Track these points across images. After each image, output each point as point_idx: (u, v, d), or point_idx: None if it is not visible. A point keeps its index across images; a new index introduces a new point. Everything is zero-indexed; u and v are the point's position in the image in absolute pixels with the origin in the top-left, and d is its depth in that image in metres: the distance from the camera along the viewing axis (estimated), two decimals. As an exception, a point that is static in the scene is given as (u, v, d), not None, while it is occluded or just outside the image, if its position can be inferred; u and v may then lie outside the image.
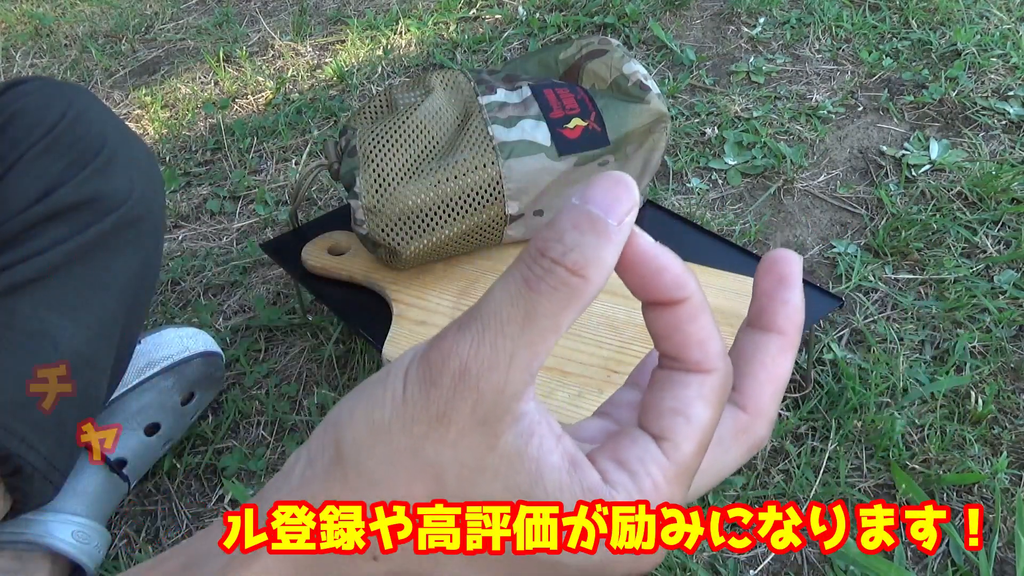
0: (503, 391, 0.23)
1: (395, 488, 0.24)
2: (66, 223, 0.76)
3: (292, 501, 0.25)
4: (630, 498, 0.24)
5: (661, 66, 1.54)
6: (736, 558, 0.83)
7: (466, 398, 0.23)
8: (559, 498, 0.24)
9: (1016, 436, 0.90)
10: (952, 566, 0.81)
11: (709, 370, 0.26)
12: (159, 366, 0.92)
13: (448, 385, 0.23)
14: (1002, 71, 1.42)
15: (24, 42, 1.85)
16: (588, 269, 0.24)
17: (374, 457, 0.24)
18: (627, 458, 0.25)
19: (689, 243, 0.96)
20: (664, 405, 0.25)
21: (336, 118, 1.50)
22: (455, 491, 0.24)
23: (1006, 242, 1.12)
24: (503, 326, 0.23)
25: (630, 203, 0.24)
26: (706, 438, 0.25)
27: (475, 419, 0.23)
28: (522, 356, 0.23)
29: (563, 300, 0.24)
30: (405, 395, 0.24)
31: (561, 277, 0.23)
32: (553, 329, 0.24)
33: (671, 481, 0.25)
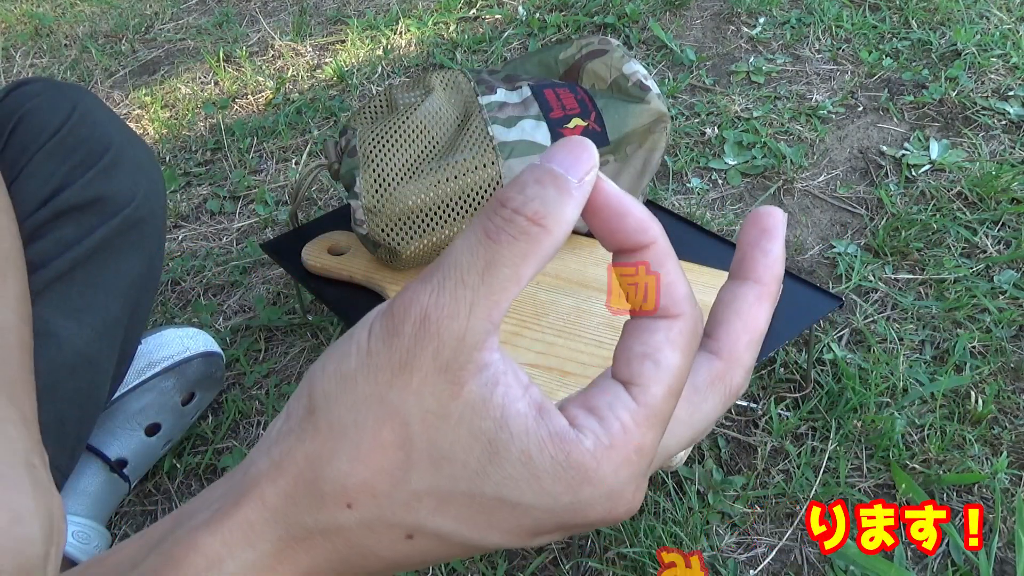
0: (463, 339, 0.24)
1: (363, 435, 0.24)
2: (72, 224, 0.76)
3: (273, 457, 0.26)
4: (598, 441, 0.24)
5: (661, 66, 1.54)
6: (736, 558, 0.83)
7: (427, 345, 0.24)
8: (525, 442, 0.24)
9: (1016, 436, 0.90)
10: (952, 566, 0.81)
11: (676, 314, 0.26)
12: (159, 366, 0.92)
13: (409, 333, 0.24)
14: (1002, 71, 1.42)
15: (24, 42, 1.85)
16: (548, 219, 0.24)
17: (343, 406, 0.25)
18: (596, 404, 0.25)
19: (689, 243, 0.96)
20: (633, 351, 0.26)
21: (336, 118, 1.50)
22: (421, 436, 0.24)
23: (1006, 242, 1.12)
24: (463, 275, 0.24)
25: (590, 163, 0.25)
26: (676, 382, 0.26)
27: (436, 366, 0.24)
28: (482, 305, 0.24)
29: (523, 249, 0.24)
30: (369, 346, 0.25)
31: (521, 226, 0.24)
32: (514, 279, 0.24)
33: (641, 424, 0.25)
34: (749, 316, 0.28)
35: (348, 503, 0.25)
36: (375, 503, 0.25)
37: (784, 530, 0.85)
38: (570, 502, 0.24)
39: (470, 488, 0.25)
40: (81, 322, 0.74)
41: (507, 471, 0.24)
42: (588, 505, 0.25)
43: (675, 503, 0.86)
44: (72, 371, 0.73)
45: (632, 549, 0.82)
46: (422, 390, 0.24)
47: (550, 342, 0.83)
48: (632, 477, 0.25)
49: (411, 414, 0.24)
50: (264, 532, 0.26)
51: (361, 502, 0.25)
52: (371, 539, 0.25)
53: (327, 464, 0.25)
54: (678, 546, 0.82)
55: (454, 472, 0.24)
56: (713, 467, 0.89)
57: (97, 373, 0.76)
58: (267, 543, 0.26)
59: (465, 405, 0.24)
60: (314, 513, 0.25)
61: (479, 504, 0.25)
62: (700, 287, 0.88)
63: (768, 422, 0.93)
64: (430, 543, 0.26)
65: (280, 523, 0.25)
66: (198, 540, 0.26)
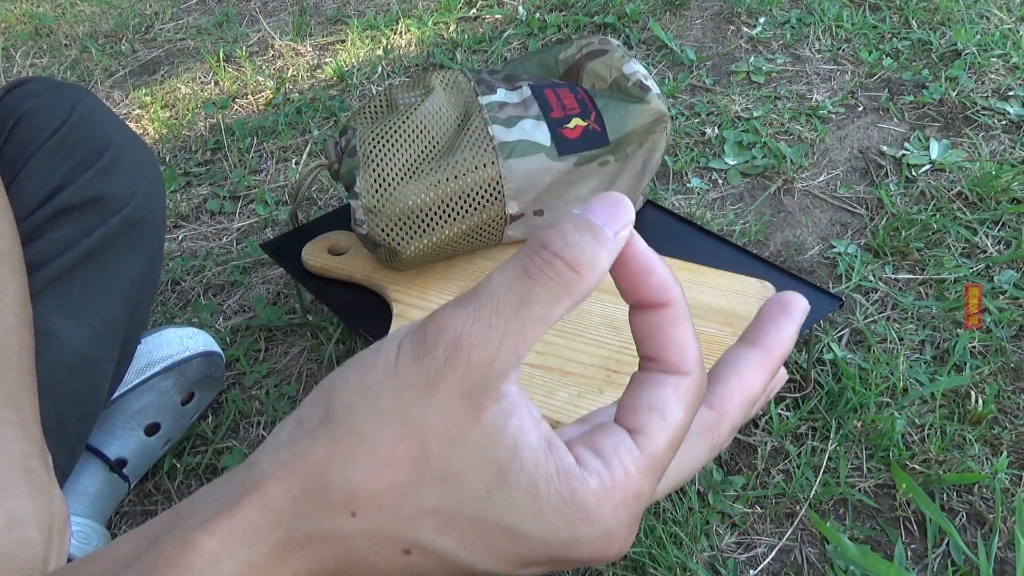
0: (491, 367, 0.25)
1: (379, 447, 0.25)
2: (71, 224, 0.76)
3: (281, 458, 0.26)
4: (602, 483, 0.25)
5: (661, 66, 1.54)
6: (736, 558, 0.83)
7: (456, 369, 0.25)
8: (533, 474, 0.25)
9: (1016, 436, 0.90)
10: (952, 566, 0.81)
11: (686, 373, 0.27)
12: (159, 366, 0.92)
13: (440, 355, 0.25)
14: (1002, 71, 1.42)
15: (24, 42, 1.85)
16: (583, 267, 0.25)
17: (362, 417, 0.25)
18: (602, 447, 0.26)
19: (689, 243, 0.96)
20: (641, 402, 0.27)
21: (336, 118, 1.50)
22: (436, 456, 0.25)
23: (1006, 242, 1.12)
24: (499, 307, 0.25)
25: (626, 219, 0.27)
26: (678, 435, 0.27)
27: (462, 390, 0.25)
28: (512, 338, 0.25)
29: (557, 292, 0.25)
30: (398, 362, 0.25)
31: (558, 269, 0.25)
32: (544, 318, 0.25)
33: (642, 471, 0.26)
34: (747, 378, 0.30)
35: (353, 512, 0.25)
36: (380, 515, 0.25)
37: (784, 530, 0.85)
38: (567, 537, 0.25)
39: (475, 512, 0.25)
40: (81, 322, 0.74)
41: (513, 499, 0.25)
42: (584, 543, 0.25)
43: (675, 503, 0.86)
44: (72, 371, 0.73)
45: (632, 549, 0.82)
46: (444, 411, 0.25)
47: (550, 342, 0.83)
48: (627, 520, 0.26)
49: (430, 433, 0.25)
50: (265, 533, 0.26)
51: (366, 512, 0.25)
52: (370, 550, 0.26)
53: (339, 471, 0.25)
54: (678, 546, 0.82)
55: (462, 495, 0.25)
56: (713, 467, 0.89)
57: (97, 373, 0.76)
58: (266, 545, 0.26)
59: (481, 431, 0.25)
60: (318, 519, 0.25)
61: (481, 528, 0.25)
62: (700, 287, 0.88)
63: (768, 422, 0.93)
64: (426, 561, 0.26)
65: (282, 526, 0.26)
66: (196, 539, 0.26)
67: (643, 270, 0.27)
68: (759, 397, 0.30)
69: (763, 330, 0.30)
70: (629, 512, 0.26)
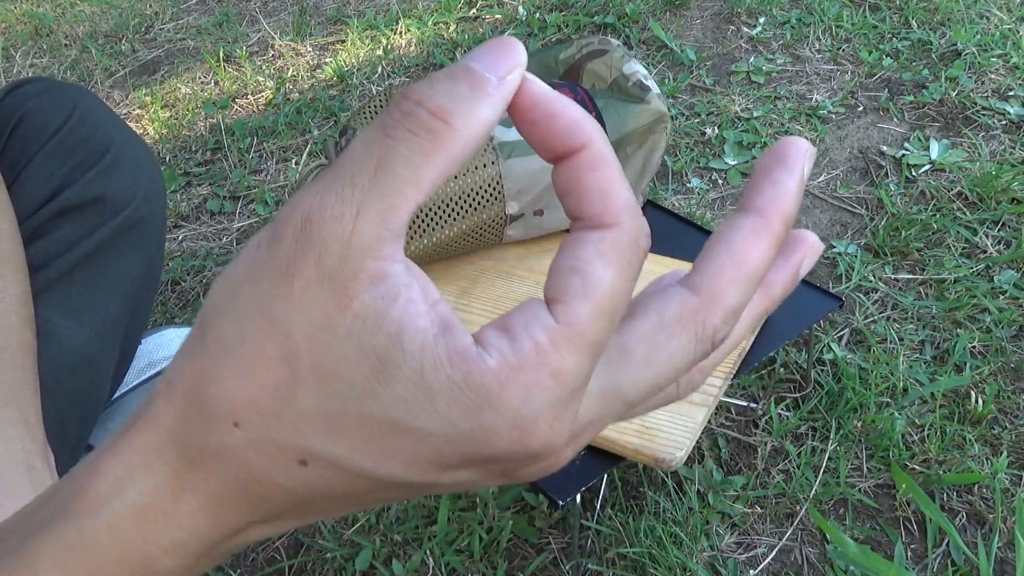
0: (349, 243, 0.21)
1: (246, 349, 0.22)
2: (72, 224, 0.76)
3: None
4: (504, 361, 0.21)
5: (661, 66, 1.54)
6: (736, 558, 0.83)
7: (308, 251, 0.21)
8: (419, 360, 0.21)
9: (1016, 436, 0.90)
10: (952, 566, 0.81)
11: (610, 224, 0.23)
12: (159, 366, 0.92)
13: (291, 237, 0.22)
14: (1002, 71, 1.42)
15: (24, 42, 1.85)
16: (454, 116, 0.22)
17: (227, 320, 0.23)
18: (512, 323, 0.22)
19: (689, 243, 0.96)
20: (561, 265, 0.23)
21: (336, 118, 1.50)
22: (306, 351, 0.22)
23: (1006, 242, 1.12)
24: (353, 176, 0.22)
25: (513, 61, 0.23)
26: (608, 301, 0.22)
27: (320, 273, 0.21)
28: (373, 208, 0.21)
29: (422, 147, 0.22)
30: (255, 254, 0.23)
31: (421, 120, 0.22)
32: (411, 181, 0.22)
33: (559, 344, 0.22)
34: (740, 248, 0.24)
35: (235, 422, 0.23)
36: (261, 422, 0.23)
37: (784, 530, 0.85)
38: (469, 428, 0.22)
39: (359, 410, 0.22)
40: (81, 322, 0.74)
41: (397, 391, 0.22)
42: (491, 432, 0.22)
43: (675, 503, 0.86)
44: (72, 371, 0.73)
45: (632, 549, 0.82)
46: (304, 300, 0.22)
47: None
48: (547, 404, 0.22)
49: (294, 327, 0.22)
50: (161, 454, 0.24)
51: (248, 421, 0.23)
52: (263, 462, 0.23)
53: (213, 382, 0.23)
54: (678, 546, 0.82)
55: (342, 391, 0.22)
56: (713, 467, 0.89)
57: (97, 373, 0.76)
58: (165, 465, 0.24)
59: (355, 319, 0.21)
60: (204, 433, 0.23)
61: (370, 428, 0.22)
62: (700, 287, 0.88)
63: (768, 422, 0.93)
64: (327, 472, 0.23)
65: (174, 444, 0.24)
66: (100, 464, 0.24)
67: (546, 115, 0.23)
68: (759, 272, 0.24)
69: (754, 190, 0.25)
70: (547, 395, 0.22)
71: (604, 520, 0.85)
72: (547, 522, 0.87)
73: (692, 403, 0.76)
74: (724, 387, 0.78)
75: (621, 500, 0.87)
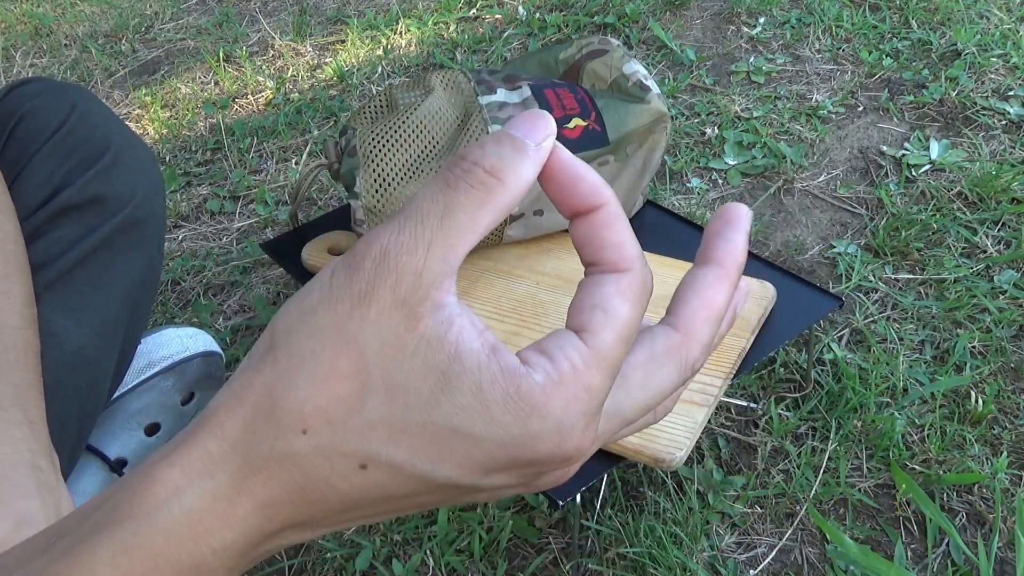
0: (420, 275, 0.25)
1: (321, 362, 0.25)
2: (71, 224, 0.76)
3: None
4: (548, 377, 0.25)
5: (661, 66, 1.54)
6: (736, 558, 0.83)
7: (386, 279, 0.25)
8: (477, 375, 0.25)
9: (1016, 436, 0.90)
10: (952, 566, 0.81)
11: (626, 269, 0.28)
12: (159, 366, 0.92)
13: (369, 267, 0.25)
14: (1002, 71, 1.42)
15: (24, 42, 1.85)
16: (504, 173, 0.26)
17: (302, 337, 0.26)
18: (548, 347, 0.27)
19: (689, 243, 0.96)
20: (584, 303, 0.27)
21: (336, 118, 1.50)
22: (377, 366, 0.25)
23: (1006, 242, 1.12)
24: (423, 218, 0.26)
25: (547, 131, 0.27)
26: (626, 329, 0.27)
27: (395, 298, 0.25)
28: (439, 245, 0.26)
29: (480, 198, 0.26)
30: (331, 282, 0.26)
31: (478, 177, 0.26)
32: (470, 226, 0.26)
33: (590, 365, 0.26)
34: (707, 294, 0.29)
35: (304, 429, 0.25)
36: (330, 430, 0.25)
37: (784, 530, 0.85)
38: (519, 434, 0.25)
39: (423, 418, 0.25)
40: (81, 322, 0.74)
41: (458, 401, 0.25)
42: (536, 438, 0.25)
43: (675, 503, 0.86)
44: (72, 371, 0.73)
45: (632, 549, 0.82)
46: (380, 321, 0.25)
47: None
48: (581, 414, 0.26)
49: (368, 344, 0.25)
50: (222, 462, 0.26)
51: (316, 429, 0.25)
52: (325, 467, 0.26)
53: (284, 392, 0.25)
54: (678, 546, 0.82)
55: (408, 402, 0.25)
56: (713, 467, 0.89)
57: (97, 373, 0.76)
58: (225, 473, 0.26)
59: (421, 339, 0.25)
60: (271, 441, 0.26)
61: (431, 434, 0.25)
62: (700, 287, 0.88)
63: (768, 422, 0.93)
64: (383, 474, 0.26)
65: (238, 453, 0.26)
66: (156, 471, 0.26)
67: (571, 179, 0.28)
68: (723, 312, 0.30)
69: (711, 246, 0.30)
70: (581, 405, 0.26)
71: (604, 520, 0.85)
72: (547, 522, 0.87)
73: (692, 403, 0.76)
74: (724, 387, 0.78)
75: (621, 500, 0.87)
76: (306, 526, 0.27)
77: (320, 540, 0.87)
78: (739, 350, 0.80)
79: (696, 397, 0.76)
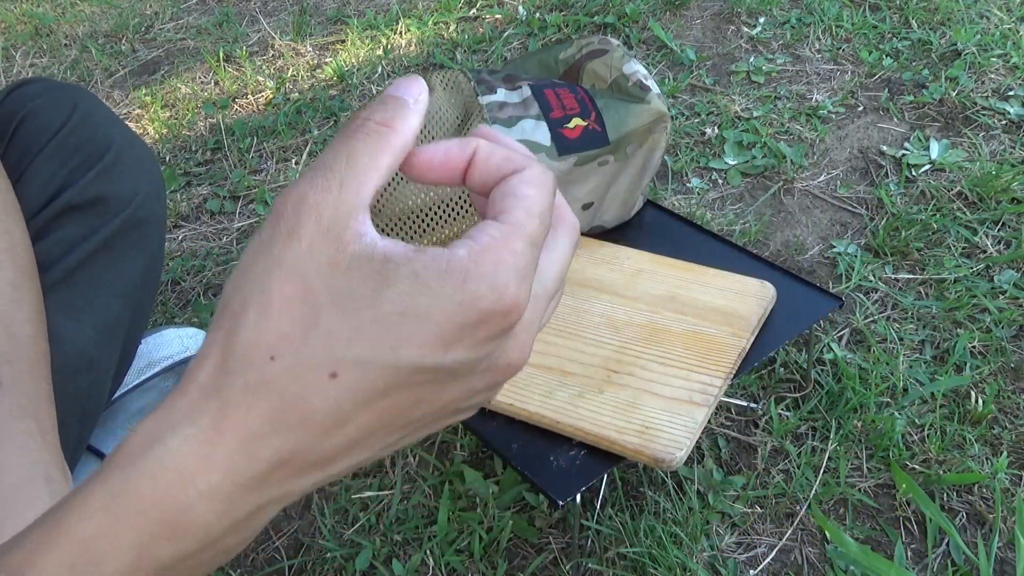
0: (338, 207, 0.28)
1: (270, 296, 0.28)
2: (72, 225, 0.76)
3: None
4: (471, 248, 0.28)
5: (661, 66, 1.54)
6: (736, 558, 0.83)
7: (308, 213, 0.28)
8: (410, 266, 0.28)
9: (1016, 436, 0.90)
10: (952, 566, 0.81)
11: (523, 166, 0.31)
12: (159, 366, 0.93)
13: (291, 211, 0.28)
14: (1002, 71, 1.42)
15: (24, 42, 1.85)
16: (393, 122, 0.30)
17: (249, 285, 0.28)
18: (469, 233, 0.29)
19: (689, 243, 0.96)
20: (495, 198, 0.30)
21: (336, 118, 1.50)
22: (320, 285, 0.27)
23: (1006, 242, 1.12)
24: (331, 164, 0.29)
25: (419, 89, 0.31)
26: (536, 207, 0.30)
27: (319, 229, 0.28)
28: (350, 183, 0.28)
29: (376, 143, 0.29)
30: (260, 236, 0.29)
31: (372, 127, 0.30)
32: (373, 167, 0.29)
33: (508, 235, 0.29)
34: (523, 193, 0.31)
35: (271, 356, 0.27)
36: (294, 349, 0.27)
37: (784, 530, 0.85)
38: (460, 299, 0.27)
39: (373, 312, 0.27)
40: (82, 323, 0.74)
41: (401, 288, 0.27)
42: (476, 297, 0.27)
43: (675, 503, 0.86)
44: (73, 371, 0.73)
45: (632, 549, 0.82)
46: (313, 248, 0.28)
47: (550, 342, 0.83)
48: (512, 273, 0.28)
49: (307, 270, 0.28)
50: (202, 405, 0.28)
51: (282, 351, 0.27)
52: (299, 385, 0.27)
53: (246, 331, 0.28)
54: (678, 546, 0.82)
55: (357, 306, 0.27)
56: (713, 467, 0.89)
57: (98, 373, 0.76)
58: (205, 415, 0.28)
59: (352, 256, 0.28)
60: (242, 375, 0.28)
61: (384, 323, 0.27)
62: (700, 287, 0.88)
63: (768, 422, 0.93)
64: (353, 376, 0.28)
65: (216, 394, 0.28)
66: (141, 426, 0.28)
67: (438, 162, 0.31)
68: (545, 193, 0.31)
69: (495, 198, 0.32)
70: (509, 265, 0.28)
71: (604, 520, 0.85)
72: (547, 522, 0.87)
73: (692, 403, 0.76)
74: (724, 387, 0.78)
75: (621, 500, 0.87)
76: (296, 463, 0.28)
77: (320, 540, 0.87)
78: (739, 350, 0.80)
79: (696, 397, 0.76)
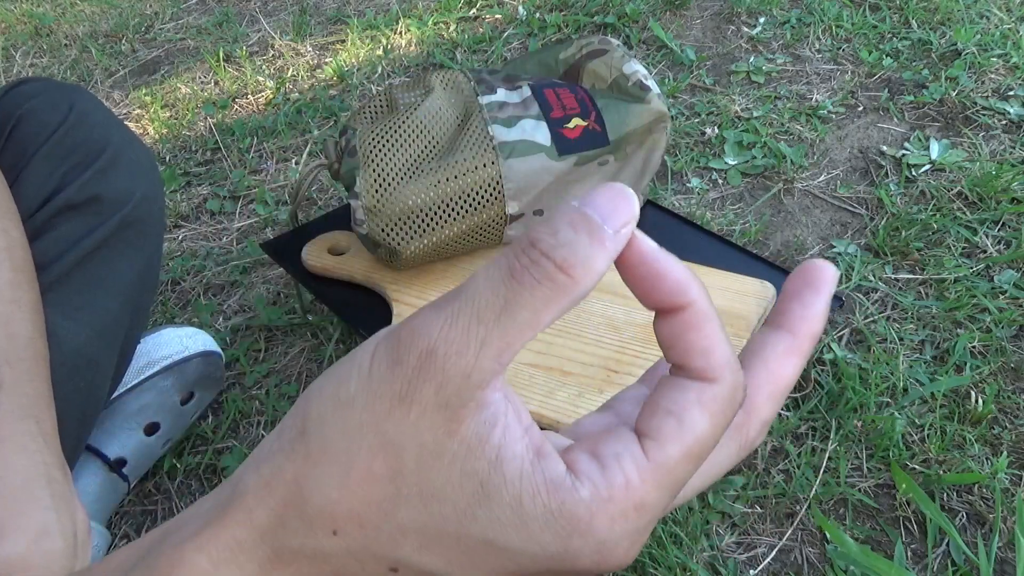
0: (469, 377, 0.23)
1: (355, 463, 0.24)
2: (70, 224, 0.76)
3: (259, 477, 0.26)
4: (596, 492, 0.23)
5: (661, 66, 1.54)
6: (736, 558, 0.83)
7: (430, 380, 0.23)
8: (517, 488, 0.23)
9: (1016, 436, 0.90)
10: (952, 566, 0.81)
11: (713, 379, 0.25)
12: (159, 366, 0.92)
13: (413, 364, 0.23)
14: (1002, 71, 1.42)
15: (24, 42, 1.85)
16: (576, 269, 0.23)
17: (336, 431, 0.24)
18: (603, 452, 0.24)
19: (689, 243, 0.96)
20: (659, 404, 0.25)
21: (336, 118, 1.50)
22: (413, 472, 0.24)
23: (1006, 242, 1.12)
24: (479, 312, 0.23)
25: (629, 214, 0.24)
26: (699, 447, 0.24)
27: (437, 402, 0.23)
28: (493, 345, 0.23)
29: (546, 295, 0.23)
30: (371, 371, 0.24)
31: (547, 271, 0.23)
32: (531, 324, 0.23)
33: (647, 481, 0.24)
34: (775, 367, 0.27)
35: (334, 530, 0.25)
36: (361, 533, 0.24)
37: (784, 530, 0.85)
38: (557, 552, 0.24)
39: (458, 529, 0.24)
40: (80, 322, 0.74)
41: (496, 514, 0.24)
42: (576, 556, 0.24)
43: (675, 503, 0.85)
44: (72, 371, 0.73)
45: (632, 549, 0.82)
46: (420, 424, 0.23)
47: (550, 342, 0.83)
48: (628, 533, 0.24)
49: (406, 448, 0.24)
50: (251, 552, 0.25)
51: (347, 531, 0.24)
52: (355, 568, 0.25)
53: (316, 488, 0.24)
54: (678, 546, 0.82)
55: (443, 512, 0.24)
56: (713, 467, 0.89)
57: (97, 373, 0.76)
58: (253, 563, 0.25)
59: (460, 443, 0.23)
60: (301, 537, 0.25)
61: (465, 545, 0.24)
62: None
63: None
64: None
65: (267, 544, 0.25)
66: (184, 555, 0.25)
67: (653, 274, 0.24)
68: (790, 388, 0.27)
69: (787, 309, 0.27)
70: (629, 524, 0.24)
71: (604, 520, 0.85)
72: (547, 522, 0.87)
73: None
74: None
75: (621, 500, 0.87)
76: None
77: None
78: (739, 350, 0.80)
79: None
